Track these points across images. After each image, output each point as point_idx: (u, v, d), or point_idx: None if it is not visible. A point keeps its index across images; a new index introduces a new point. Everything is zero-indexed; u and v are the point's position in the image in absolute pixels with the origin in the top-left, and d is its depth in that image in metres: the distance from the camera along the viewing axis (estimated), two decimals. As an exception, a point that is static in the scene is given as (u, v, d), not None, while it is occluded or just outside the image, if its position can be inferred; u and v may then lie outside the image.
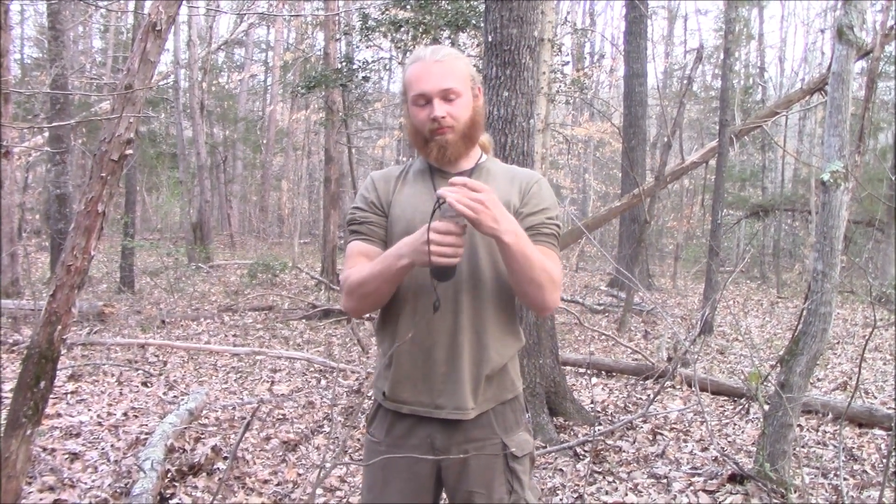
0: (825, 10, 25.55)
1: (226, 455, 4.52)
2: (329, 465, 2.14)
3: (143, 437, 4.88)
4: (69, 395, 6.04)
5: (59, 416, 5.37)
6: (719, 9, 26.83)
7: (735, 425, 5.60)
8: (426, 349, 1.96)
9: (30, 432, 3.14)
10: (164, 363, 7.59)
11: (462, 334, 1.95)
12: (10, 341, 7.68)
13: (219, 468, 4.33)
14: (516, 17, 4.84)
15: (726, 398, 6.43)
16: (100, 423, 5.25)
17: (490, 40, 4.94)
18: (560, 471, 4.52)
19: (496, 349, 1.99)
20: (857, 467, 4.58)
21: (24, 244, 14.98)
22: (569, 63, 19.40)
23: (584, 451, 4.84)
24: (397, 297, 1.98)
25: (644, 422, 5.53)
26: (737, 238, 21.61)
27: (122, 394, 6.23)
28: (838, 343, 9.17)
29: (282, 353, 8.09)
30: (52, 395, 3.39)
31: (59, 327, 3.12)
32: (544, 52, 7.32)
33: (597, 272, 19.22)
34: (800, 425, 5.27)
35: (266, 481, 4.35)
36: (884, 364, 7.88)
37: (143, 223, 23.91)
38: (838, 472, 3.85)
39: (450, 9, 10.78)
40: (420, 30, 10.96)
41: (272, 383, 6.91)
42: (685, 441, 5.17)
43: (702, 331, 8.59)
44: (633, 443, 5.11)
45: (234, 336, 9.26)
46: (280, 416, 5.73)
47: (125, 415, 5.55)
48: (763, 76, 25.61)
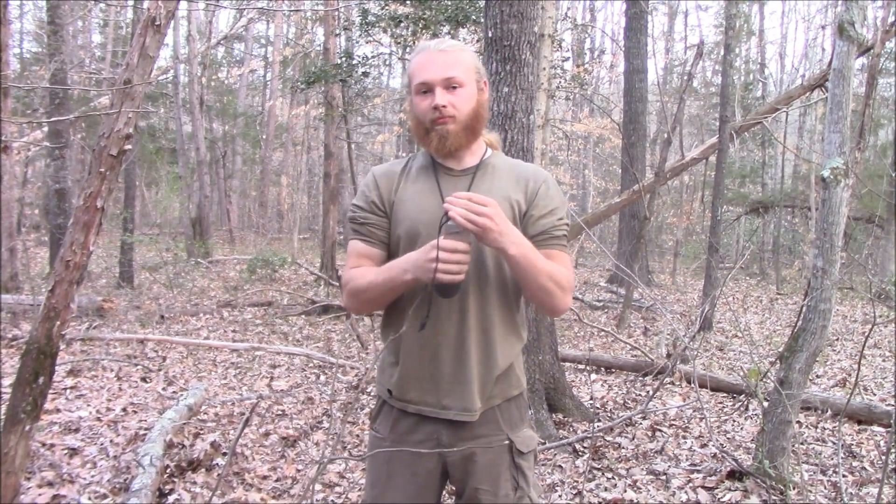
0: (826, 7, 25.52)
1: (225, 451, 4.52)
2: (327, 461, 2.14)
3: (142, 432, 4.87)
4: (68, 391, 6.04)
5: (59, 411, 5.36)
6: (720, 5, 26.76)
7: (734, 422, 5.60)
8: (433, 349, 1.95)
9: (28, 428, 3.13)
10: (164, 358, 7.59)
11: (469, 335, 1.94)
12: (10, 336, 7.68)
13: (218, 464, 4.32)
14: (516, 13, 4.83)
15: (725, 395, 6.43)
16: (99, 419, 5.25)
17: (490, 36, 4.93)
18: (559, 467, 4.51)
19: (503, 350, 1.99)
20: (856, 464, 4.58)
21: (24, 239, 14.97)
22: (569, 59, 19.33)
23: (584, 447, 4.84)
24: (403, 295, 1.97)
25: (643, 418, 5.53)
26: (736, 234, 21.59)
27: (121, 389, 6.23)
28: (838, 340, 9.17)
29: (281, 348, 8.09)
30: (51, 391, 3.39)
31: (58, 323, 3.12)
32: (544, 47, 7.31)
33: (596, 268, 19.22)
34: (799, 422, 5.27)
35: (265, 477, 4.35)
36: (883, 361, 7.88)
37: (142, 218, 23.90)
38: (837, 469, 3.85)
39: (450, 4, 10.75)
40: (420, 25, 10.94)
41: (271, 379, 6.91)
42: (684, 437, 5.17)
43: (701, 327, 8.60)
44: (633, 439, 5.10)
45: (234, 331, 9.26)
46: (279, 412, 5.73)
47: (124, 410, 5.54)
48: (763, 72, 25.60)
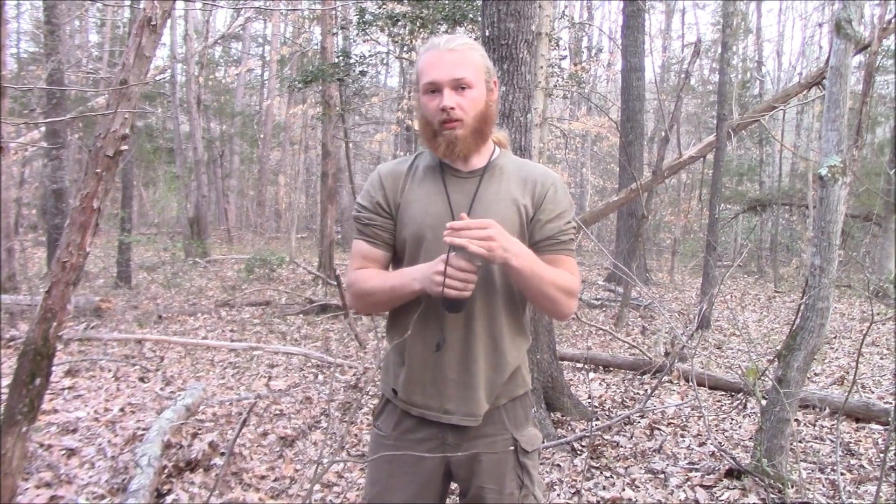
0: (823, 5, 25.54)
1: (223, 451, 4.51)
2: (326, 461, 2.14)
3: (140, 432, 4.87)
4: (66, 391, 6.03)
5: (56, 412, 5.36)
6: (717, 3, 26.81)
7: (732, 420, 5.60)
8: (435, 353, 1.94)
9: (25, 429, 3.13)
10: (161, 358, 7.58)
11: (476, 340, 1.93)
12: (7, 337, 7.67)
13: (216, 464, 4.32)
14: (514, 12, 4.83)
15: (723, 393, 6.44)
16: (97, 419, 5.25)
17: (487, 35, 4.93)
18: (557, 466, 4.51)
19: (511, 353, 1.99)
20: (854, 462, 4.59)
21: (21, 239, 14.96)
22: (566, 57, 19.31)
23: (582, 446, 4.84)
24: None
25: (641, 417, 5.54)
26: (734, 233, 21.62)
27: (118, 389, 6.22)
28: (835, 338, 9.18)
29: (279, 348, 8.08)
30: (48, 391, 3.39)
31: (55, 324, 3.12)
32: (542, 46, 7.30)
33: (594, 267, 19.25)
34: (797, 420, 5.27)
35: (263, 477, 4.35)
36: (881, 359, 7.89)
37: (139, 218, 23.86)
38: (835, 467, 3.85)
39: (447, 3, 10.75)
40: (417, 24, 10.94)
41: (269, 378, 6.90)
42: (682, 436, 5.17)
43: (699, 325, 8.60)
44: (631, 438, 5.11)
45: (232, 331, 9.25)
46: (277, 412, 5.73)
47: (122, 410, 5.54)
48: (761, 70, 25.61)
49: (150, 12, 3.04)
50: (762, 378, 5.18)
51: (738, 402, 6.07)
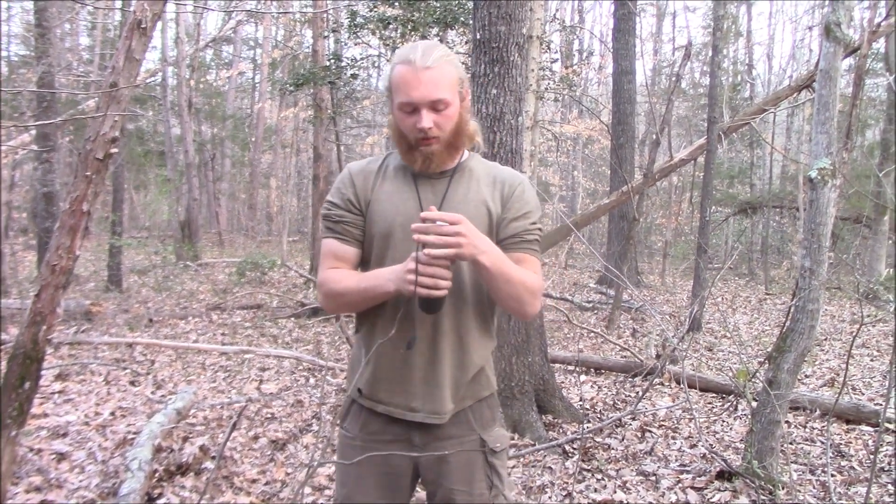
0: (813, 8, 25.67)
1: (214, 454, 4.50)
2: (316, 464, 2.13)
3: (130, 436, 4.85)
4: (56, 395, 6.01)
5: (46, 416, 5.34)
6: (708, 6, 26.87)
7: (723, 422, 5.62)
8: (404, 351, 1.95)
9: (15, 433, 3.11)
10: (152, 362, 7.55)
11: (443, 338, 1.95)
12: (-3, 341, 7.63)
13: (207, 468, 4.31)
14: (504, 15, 4.83)
15: (714, 395, 6.45)
16: (87, 423, 5.23)
17: (478, 38, 4.93)
18: (549, 468, 4.52)
19: (477, 352, 2.00)
20: (844, 464, 4.60)
21: (11, 243, 14.89)
22: (557, 60, 19.37)
23: (573, 448, 4.84)
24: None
25: (633, 419, 5.54)
26: (725, 235, 21.66)
27: (109, 393, 6.20)
28: (826, 340, 9.21)
29: (270, 351, 8.06)
30: (38, 395, 3.37)
31: (44, 327, 3.10)
32: (533, 49, 7.31)
33: (586, 269, 19.26)
34: (787, 422, 5.29)
35: (254, 480, 4.34)
36: (871, 360, 7.92)
37: (130, 221, 23.80)
38: (826, 469, 3.86)
39: (438, 6, 10.75)
40: (408, 27, 10.93)
41: (261, 382, 6.89)
42: (674, 438, 5.18)
43: (690, 328, 8.61)
44: (622, 440, 5.11)
45: (223, 335, 9.23)
46: (268, 415, 5.72)
47: (112, 414, 5.52)
48: (751, 73, 25.69)
49: (140, 15, 3.03)
50: (753, 380, 5.19)
51: (728, 404, 6.08)
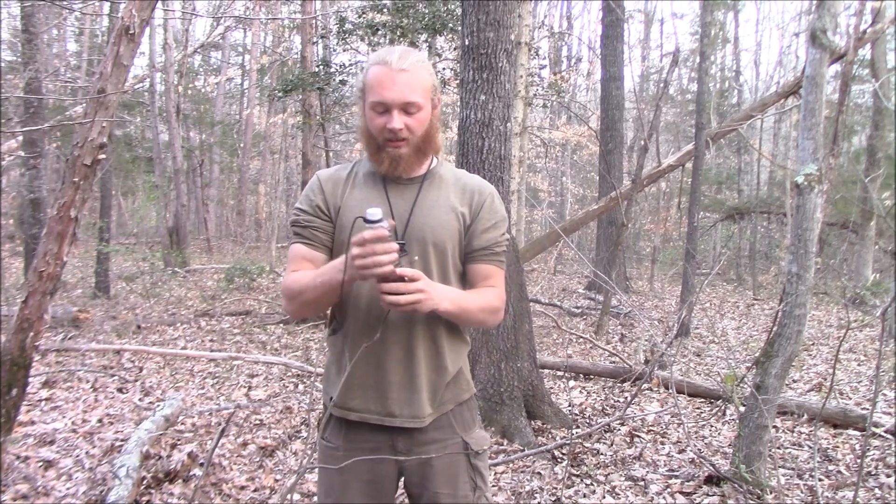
0: (800, 14, 25.87)
1: (202, 461, 4.48)
2: (304, 471, 2.13)
3: (118, 443, 4.83)
4: (43, 402, 5.97)
5: (33, 423, 5.30)
6: (695, 12, 27.06)
7: (711, 427, 5.63)
8: (379, 358, 1.95)
9: (2, 441, 3.10)
10: (140, 369, 7.52)
11: (417, 343, 1.96)
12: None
13: (195, 475, 4.29)
14: (493, 21, 4.85)
15: (703, 400, 6.47)
16: (74, 430, 5.20)
17: (467, 44, 4.95)
18: (538, 474, 4.52)
19: (452, 356, 2.02)
20: (832, 468, 4.62)
21: (-3, 249, 14.80)
22: (546, 66, 19.46)
23: (562, 453, 4.85)
24: (348, 302, 1.97)
25: (621, 424, 5.55)
26: (713, 240, 21.76)
27: (97, 400, 6.17)
28: (813, 344, 9.25)
29: (259, 357, 8.04)
30: (25, 402, 3.35)
31: (32, 334, 3.09)
32: (521, 55, 7.34)
33: (574, 275, 19.30)
34: (775, 427, 5.31)
35: (243, 487, 4.32)
36: (858, 365, 7.96)
37: (118, 228, 23.69)
38: (813, 473, 3.88)
39: (427, 12, 10.78)
40: (397, 33, 10.96)
41: (249, 388, 6.87)
42: (662, 443, 5.19)
43: (678, 333, 8.65)
44: (611, 445, 5.12)
45: (211, 341, 9.19)
46: (257, 422, 5.70)
47: (100, 421, 5.49)
48: (738, 79, 25.87)
49: (129, 21, 3.03)
50: (741, 385, 5.21)
51: (717, 409, 6.10)
